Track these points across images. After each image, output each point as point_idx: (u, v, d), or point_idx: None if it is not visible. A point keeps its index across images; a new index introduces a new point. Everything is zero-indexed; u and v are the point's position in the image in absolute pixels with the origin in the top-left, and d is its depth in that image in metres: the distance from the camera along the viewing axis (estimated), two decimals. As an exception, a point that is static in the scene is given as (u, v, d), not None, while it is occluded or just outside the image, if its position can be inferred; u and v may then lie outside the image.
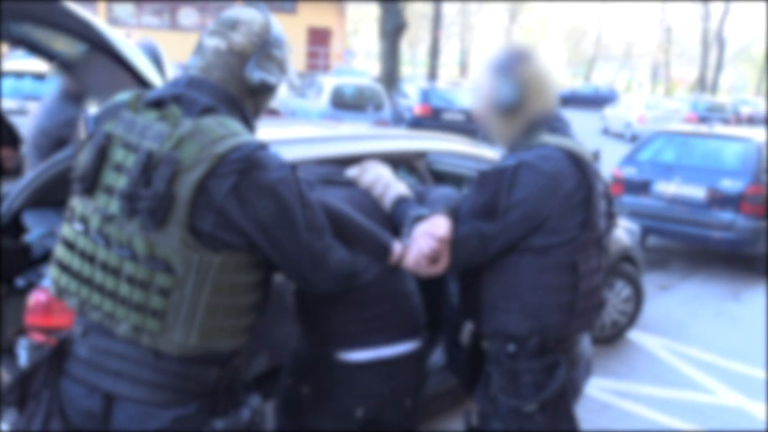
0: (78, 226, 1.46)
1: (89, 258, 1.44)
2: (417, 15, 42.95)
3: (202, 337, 1.43)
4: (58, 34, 2.59)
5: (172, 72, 2.53)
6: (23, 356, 2.23)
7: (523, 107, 1.78)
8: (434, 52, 21.52)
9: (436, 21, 20.83)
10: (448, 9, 46.39)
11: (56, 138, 3.77)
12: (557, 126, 1.80)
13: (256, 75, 1.52)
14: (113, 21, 26.69)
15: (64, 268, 1.49)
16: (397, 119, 14.80)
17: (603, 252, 1.85)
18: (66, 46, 2.78)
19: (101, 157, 1.43)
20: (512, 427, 1.79)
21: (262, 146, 1.44)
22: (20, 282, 2.70)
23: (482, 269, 1.78)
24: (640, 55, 57.69)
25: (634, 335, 4.91)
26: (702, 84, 40.58)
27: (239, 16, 1.54)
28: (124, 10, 27.14)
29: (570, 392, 1.82)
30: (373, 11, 28.37)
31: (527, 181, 1.66)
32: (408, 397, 1.94)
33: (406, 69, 49.01)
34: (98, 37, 2.32)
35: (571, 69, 62.07)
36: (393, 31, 20.19)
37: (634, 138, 17.74)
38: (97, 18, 2.32)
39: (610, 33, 59.86)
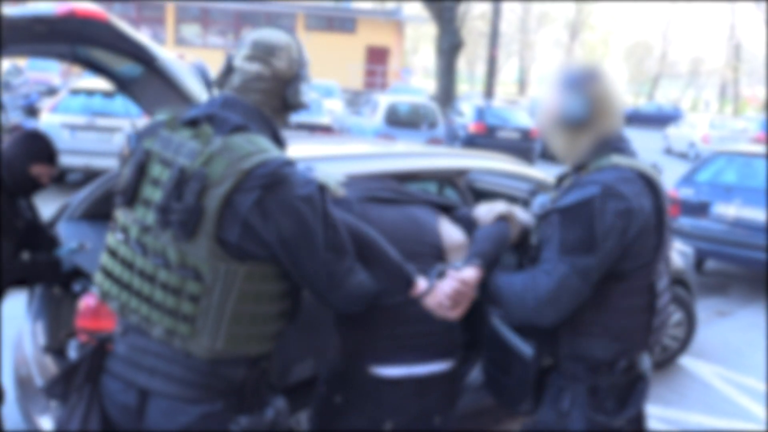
0: (119, 236, 1.58)
1: (128, 265, 1.56)
2: (475, 33, 42.97)
3: (229, 342, 1.51)
4: (118, 56, 2.75)
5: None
6: (73, 357, 2.36)
7: (591, 124, 1.79)
8: (491, 70, 21.46)
9: (493, 39, 20.80)
10: (507, 27, 46.24)
11: None
12: (623, 147, 1.81)
13: (297, 97, 1.65)
14: (180, 41, 27.81)
15: (107, 273, 1.61)
16: (452, 137, 14.81)
17: (669, 268, 1.89)
18: (126, 67, 2.96)
19: (140, 172, 1.55)
20: None
21: (288, 162, 1.51)
22: (76, 287, 2.86)
23: None
24: (708, 73, 55.91)
25: (687, 362, 4.75)
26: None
27: (276, 42, 1.64)
28: (191, 31, 28.23)
29: (644, 409, 1.89)
30: (432, 30, 28.55)
31: (614, 208, 1.66)
32: (438, 415, 1.96)
33: (464, 87, 49.01)
34: (153, 59, 2.46)
35: (634, 87, 60.67)
36: (449, 49, 20.29)
37: (698, 158, 17.19)
38: (151, 41, 2.46)
39: (675, 50, 58.30)
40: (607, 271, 1.71)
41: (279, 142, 1.64)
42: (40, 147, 2.73)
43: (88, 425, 1.57)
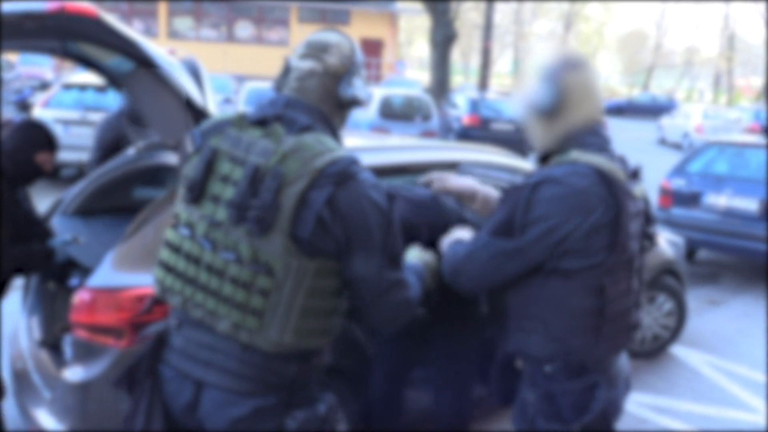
0: (184, 231, 1.59)
1: (195, 260, 1.57)
2: (470, 25, 42.91)
3: (295, 336, 1.54)
4: (108, 51, 2.76)
5: (209, 87, 2.66)
6: (68, 352, 2.39)
7: (561, 114, 1.75)
8: (485, 62, 21.46)
9: (487, 31, 20.79)
10: (501, 18, 46.15)
11: (105, 150, 4.01)
12: (592, 142, 1.75)
13: (348, 92, 1.67)
14: (173, 34, 27.68)
15: (169, 269, 1.62)
16: (446, 129, 14.82)
17: (635, 274, 1.80)
18: (116, 62, 2.97)
19: (208, 169, 1.57)
20: None
21: (355, 161, 1.56)
22: (73, 281, 2.88)
23: (508, 289, 1.77)
24: (702, 63, 55.98)
25: (678, 350, 4.81)
26: None
27: (328, 40, 1.68)
28: (184, 24, 28.10)
29: (611, 412, 1.80)
30: (426, 22, 28.49)
31: (548, 197, 1.64)
32: None
33: (458, 79, 48.90)
34: (143, 55, 2.47)
35: (629, 78, 60.71)
36: (443, 41, 20.28)
37: (692, 148, 17.24)
38: (141, 36, 2.47)
39: (670, 40, 58.29)
40: (539, 265, 1.69)
41: (337, 138, 1.68)
42: (42, 135, 2.79)
43: (151, 417, 1.61)
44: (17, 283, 3.34)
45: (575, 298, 1.69)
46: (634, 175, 1.80)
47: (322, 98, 1.65)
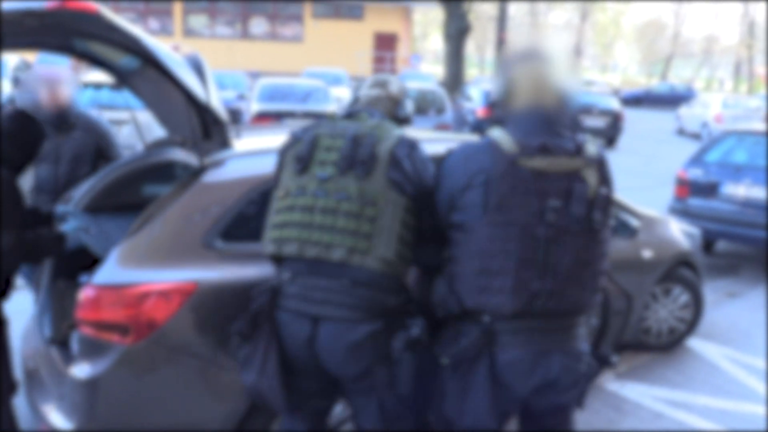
0: (297, 192, 2.07)
1: (309, 209, 2.03)
2: (484, 17, 42.59)
3: (396, 257, 2.01)
4: (112, 48, 2.76)
5: (213, 83, 2.65)
6: (75, 349, 2.40)
7: (506, 102, 2.03)
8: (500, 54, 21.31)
9: (501, 22, 20.63)
10: (516, 10, 45.79)
11: None
12: (521, 122, 1.97)
13: (402, 112, 2.36)
14: (188, 32, 27.82)
15: (284, 225, 2.05)
16: (460, 122, 14.75)
17: (532, 242, 1.88)
18: (125, 60, 2.97)
19: (313, 146, 2.10)
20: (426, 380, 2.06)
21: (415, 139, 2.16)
22: (84, 278, 2.89)
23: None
24: (722, 52, 55.11)
25: (695, 343, 4.73)
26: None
27: (387, 78, 2.40)
28: (199, 22, 28.23)
29: (486, 367, 1.93)
30: (440, 15, 28.35)
31: (446, 164, 2.04)
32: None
33: (473, 71, 48.60)
34: (147, 52, 2.47)
35: (646, 68, 59.94)
36: (457, 34, 20.16)
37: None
38: (145, 34, 2.46)
39: (689, 29, 57.46)
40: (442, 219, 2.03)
41: None
42: (34, 120, 2.81)
43: (268, 356, 2.01)
44: (20, 283, 3.36)
45: (463, 247, 1.94)
46: (544, 149, 1.91)
47: (387, 115, 2.28)
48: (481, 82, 24.18)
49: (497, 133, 1.95)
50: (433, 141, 3.36)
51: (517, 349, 1.93)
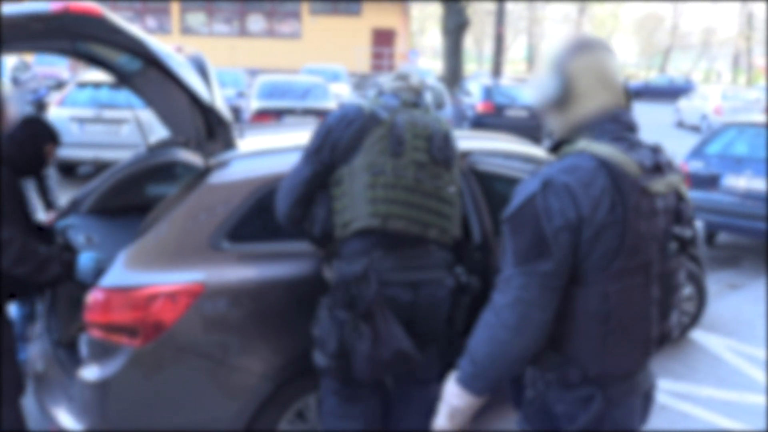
0: (397, 172, 2.27)
1: (413, 190, 2.29)
2: (482, 12, 42.51)
3: (460, 233, 2.47)
4: (116, 50, 2.77)
5: (216, 83, 2.65)
6: (84, 351, 2.41)
7: (568, 104, 1.64)
8: (498, 49, 21.26)
9: (499, 17, 20.58)
10: (514, 4, 45.69)
11: None
12: (607, 129, 1.60)
13: (422, 102, 2.48)
14: (186, 30, 27.77)
15: (391, 201, 2.25)
16: (460, 117, 14.74)
17: (655, 281, 1.60)
18: (124, 60, 2.97)
19: (407, 131, 2.32)
20: None
21: None
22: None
23: None
24: (720, 44, 55.01)
25: (698, 335, 4.75)
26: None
27: (408, 71, 2.56)
28: (197, 20, 28.16)
29: (610, 430, 1.64)
30: (438, 10, 28.28)
31: (558, 201, 1.50)
32: None
33: (472, 66, 48.52)
34: (150, 53, 2.47)
35: (645, 60, 59.84)
36: (455, 29, 20.13)
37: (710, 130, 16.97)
38: (148, 35, 2.46)
39: (687, 21, 57.32)
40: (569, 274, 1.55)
41: None
42: (47, 128, 2.94)
43: (396, 325, 2.19)
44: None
45: (578, 304, 1.55)
46: (658, 168, 1.61)
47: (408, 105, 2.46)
48: (480, 77, 24.18)
49: (601, 149, 1.54)
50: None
51: (630, 400, 1.66)
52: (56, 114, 8.60)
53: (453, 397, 1.60)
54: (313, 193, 2.32)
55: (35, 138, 2.87)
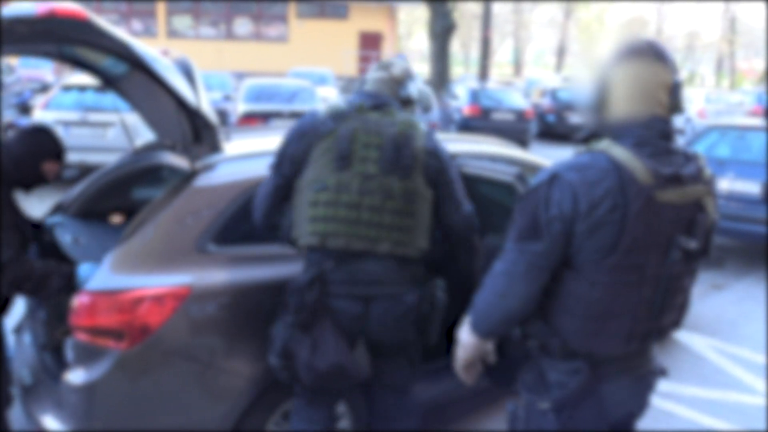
0: (340, 188, 2.17)
1: (355, 206, 2.17)
2: (469, 15, 42.70)
3: (428, 243, 2.27)
4: (102, 53, 2.77)
5: (202, 86, 2.66)
6: (70, 355, 2.40)
7: (602, 108, 1.69)
8: (485, 52, 21.36)
9: (486, 20, 20.69)
10: (500, 8, 45.91)
11: None
12: (635, 134, 1.64)
13: (404, 92, 2.41)
14: (172, 33, 27.64)
15: (328, 219, 2.17)
16: (447, 121, 14.80)
17: (649, 283, 1.66)
18: (110, 63, 2.97)
19: (352, 141, 2.20)
20: (531, 425, 1.80)
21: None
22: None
23: None
24: (704, 47, 55.59)
25: (681, 335, 4.81)
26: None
27: (392, 60, 2.48)
28: (183, 23, 28.06)
29: (594, 403, 1.75)
30: (425, 13, 28.36)
31: (559, 194, 1.62)
32: None
33: (459, 70, 48.64)
34: (136, 57, 2.48)
35: (630, 63, 60.04)
36: (442, 32, 20.20)
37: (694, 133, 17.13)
38: (134, 39, 2.47)
39: (671, 25, 57.91)
40: (560, 259, 1.68)
41: None
42: (51, 143, 2.71)
43: (337, 338, 2.16)
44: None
45: (567, 285, 1.69)
46: (677, 178, 1.63)
47: (392, 96, 2.37)
48: (466, 80, 24.26)
49: (619, 152, 1.61)
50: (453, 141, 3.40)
51: (621, 379, 1.79)
52: (41, 117, 8.54)
53: (462, 332, 1.87)
54: (280, 204, 2.31)
55: (35, 154, 2.65)
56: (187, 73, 2.60)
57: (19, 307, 3.61)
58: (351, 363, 2.19)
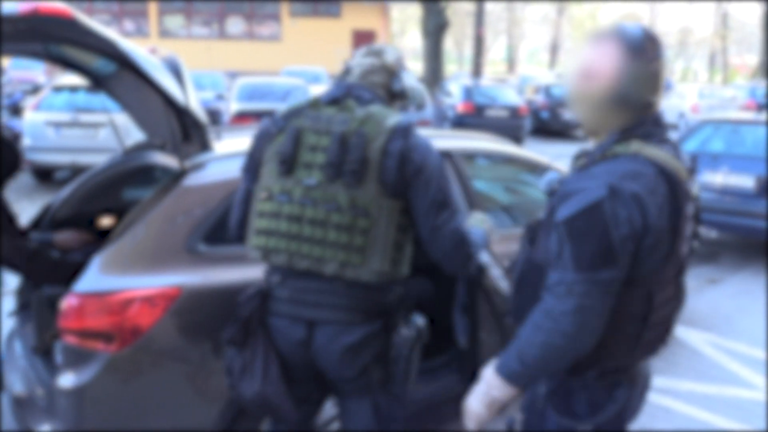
0: (282, 198, 1.88)
1: (297, 219, 1.86)
2: (462, 13, 42.69)
3: (391, 265, 1.87)
4: (89, 52, 2.73)
5: (191, 85, 2.63)
6: (59, 358, 2.37)
7: (637, 101, 1.56)
8: (478, 50, 21.36)
9: (479, 18, 20.68)
10: (493, 5, 45.93)
11: None
12: (653, 132, 1.57)
13: (398, 85, 2.05)
14: (164, 33, 27.55)
15: (270, 233, 1.89)
16: (440, 118, 14.78)
17: (681, 277, 1.64)
18: (100, 64, 2.93)
19: (297, 144, 1.88)
20: None
21: (413, 122, 1.92)
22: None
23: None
24: (697, 43, 55.78)
25: (677, 330, 4.80)
26: (765, 70, 38.85)
27: (383, 46, 2.10)
28: (175, 22, 27.96)
29: (626, 412, 1.67)
30: (418, 11, 28.34)
31: (626, 211, 1.46)
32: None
33: (452, 67, 48.70)
34: (123, 55, 2.44)
35: (624, 59, 60.20)
36: (435, 30, 20.20)
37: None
38: (122, 37, 2.43)
39: (663, 21, 58.07)
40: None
41: None
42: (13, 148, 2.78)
43: (269, 362, 1.90)
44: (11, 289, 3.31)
45: (624, 305, 1.53)
46: (692, 171, 1.61)
47: (378, 85, 2.01)
48: (460, 78, 24.25)
49: (659, 154, 1.52)
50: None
51: (637, 384, 1.70)
52: (32, 118, 8.48)
53: (494, 389, 1.59)
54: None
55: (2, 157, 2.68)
56: (176, 71, 2.56)
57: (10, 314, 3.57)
58: (278, 396, 1.91)
